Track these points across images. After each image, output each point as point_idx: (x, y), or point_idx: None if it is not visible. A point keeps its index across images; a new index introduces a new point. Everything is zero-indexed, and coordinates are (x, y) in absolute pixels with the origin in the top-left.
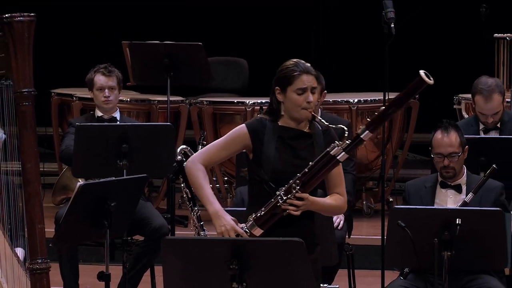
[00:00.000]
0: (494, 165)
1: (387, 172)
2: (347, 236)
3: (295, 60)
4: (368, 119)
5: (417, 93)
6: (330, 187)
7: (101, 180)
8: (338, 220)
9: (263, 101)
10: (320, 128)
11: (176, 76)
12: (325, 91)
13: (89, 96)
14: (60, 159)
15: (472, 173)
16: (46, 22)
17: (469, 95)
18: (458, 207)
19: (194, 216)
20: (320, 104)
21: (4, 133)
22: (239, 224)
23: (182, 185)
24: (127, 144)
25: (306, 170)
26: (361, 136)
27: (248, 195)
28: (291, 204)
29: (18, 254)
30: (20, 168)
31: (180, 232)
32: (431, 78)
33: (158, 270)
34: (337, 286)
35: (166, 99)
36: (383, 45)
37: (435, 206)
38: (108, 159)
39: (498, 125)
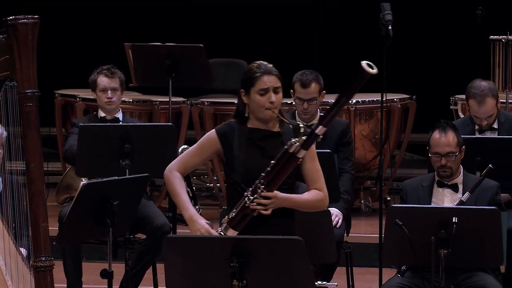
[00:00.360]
0: (490, 165)
1: (385, 171)
2: (345, 235)
3: (258, 62)
4: (365, 119)
5: (362, 84)
6: (309, 183)
7: (104, 179)
8: (337, 218)
9: None
10: (291, 127)
11: (177, 78)
12: (324, 91)
13: (92, 97)
14: (64, 158)
15: (468, 172)
16: (50, 24)
17: None
18: (454, 206)
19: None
20: (319, 104)
21: (5, 130)
22: (214, 227)
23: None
24: (130, 144)
25: (269, 169)
26: (316, 132)
27: (226, 197)
28: (260, 204)
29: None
30: (24, 168)
31: (181, 231)
32: (374, 68)
33: (160, 267)
34: (335, 283)
35: (167, 100)
36: (381, 46)
37: (432, 205)
38: (111, 159)
39: (495, 125)
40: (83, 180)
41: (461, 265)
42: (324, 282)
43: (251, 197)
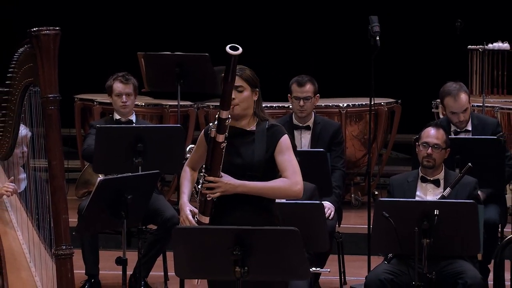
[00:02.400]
0: (469, 164)
1: (373, 168)
2: (337, 225)
3: None
4: (355, 121)
5: (235, 66)
6: (281, 171)
7: (119, 175)
8: (329, 211)
9: (263, 105)
10: (266, 126)
11: (185, 84)
12: (318, 95)
13: (108, 101)
14: (83, 157)
15: (449, 169)
16: (70, 34)
17: None
18: (436, 200)
19: None
20: (314, 105)
21: (29, 131)
22: (196, 214)
23: None
24: (142, 144)
25: (206, 155)
26: (221, 116)
27: None
28: (208, 188)
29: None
30: (47, 165)
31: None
32: (239, 49)
33: (170, 255)
34: (328, 269)
35: (176, 103)
36: (370, 56)
37: (416, 199)
38: (125, 157)
39: (469, 127)
40: (100, 176)
41: (442, 253)
42: (318, 268)
43: (201, 182)
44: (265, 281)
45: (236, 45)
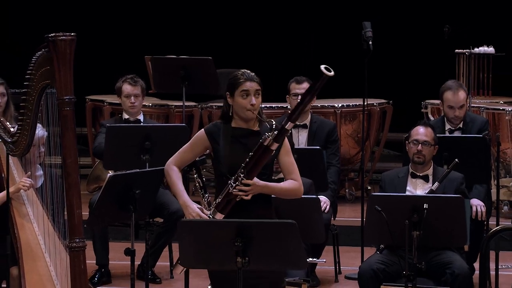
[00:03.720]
0: (456, 160)
1: (366, 164)
2: (332, 218)
3: (242, 70)
4: (350, 120)
5: (323, 84)
6: (285, 174)
7: (128, 171)
8: (325, 205)
9: (262, 105)
10: (268, 126)
11: (190, 85)
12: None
13: (117, 102)
14: (93, 154)
15: (437, 166)
16: (83, 40)
17: (435, 101)
18: (425, 194)
19: (205, 201)
20: (310, 107)
21: (46, 131)
22: (204, 211)
23: (195, 175)
24: (149, 142)
25: (248, 160)
26: (286, 127)
27: (215, 185)
28: (241, 190)
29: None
30: (62, 162)
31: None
32: (331, 71)
33: (175, 246)
34: (324, 259)
35: (181, 104)
36: (363, 59)
37: (407, 193)
38: (133, 154)
39: (461, 125)
40: (110, 172)
41: (431, 245)
42: (314, 259)
43: (233, 184)
44: (264, 271)
45: (329, 67)
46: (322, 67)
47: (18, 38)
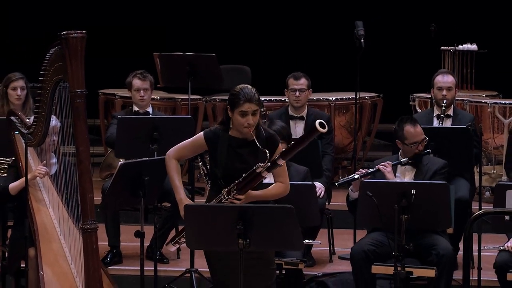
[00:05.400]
0: (429, 150)
1: (358, 153)
2: (327, 203)
3: (243, 87)
4: (343, 112)
5: (314, 136)
6: (275, 177)
7: (137, 160)
8: (320, 190)
9: (262, 99)
10: (264, 135)
11: (195, 80)
12: (311, 89)
13: (128, 95)
14: (106, 143)
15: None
16: (95, 38)
17: (423, 94)
18: (413, 181)
19: (209, 187)
20: (307, 98)
21: (59, 122)
22: None
23: (200, 163)
24: (157, 132)
25: (241, 180)
26: (277, 162)
27: (210, 178)
28: (232, 202)
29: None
30: (75, 151)
31: (198, 200)
32: (325, 127)
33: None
34: (319, 241)
35: (187, 97)
36: (355, 55)
37: (396, 180)
38: (143, 144)
39: (450, 113)
40: (121, 160)
41: (418, 228)
42: (310, 241)
43: (226, 196)
44: (257, 253)
45: (325, 123)
46: (317, 122)
47: (36, 35)
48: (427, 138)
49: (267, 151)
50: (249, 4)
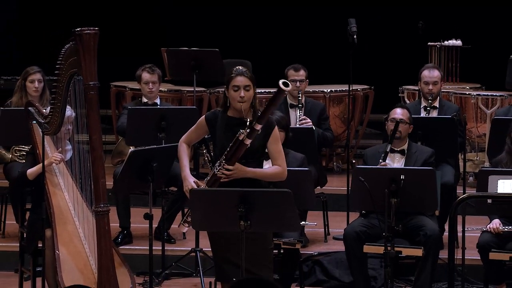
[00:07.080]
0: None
1: (351, 141)
2: (320, 187)
3: (237, 66)
4: (337, 103)
5: (281, 97)
6: (272, 160)
7: (146, 147)
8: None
9: (262, 91)
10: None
11: (200, 73)
12: (308, 80)
13: (138, 87)
14: (117, 132)
15: (412, 142)
16: (108, 34)
17: (411, 86)
18: (402, 167)
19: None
20: (304, 91)
21: (73, 112)
22: (199, 183)
23: (204, 151)
24: (165, 122)
25: (228, 149)
26: (254, 127)
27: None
28: (223, 173)
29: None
30: (88, 139)
31: (203, 185)
32: (288, 85)
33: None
34: (315, 223)
35: (193, 89)
36: (348, 51)
37: (386, 166)
38: (151, 133)
39: (436, 104)
40: (131, 148)
41: (407, 210)
42: (306, 222)
43: (218, 168)
44: (256, 233)
45: (288, 82)
46: (280, 82)
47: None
48: (407, 123)
49: (248, 120)
50: (249, 4)
